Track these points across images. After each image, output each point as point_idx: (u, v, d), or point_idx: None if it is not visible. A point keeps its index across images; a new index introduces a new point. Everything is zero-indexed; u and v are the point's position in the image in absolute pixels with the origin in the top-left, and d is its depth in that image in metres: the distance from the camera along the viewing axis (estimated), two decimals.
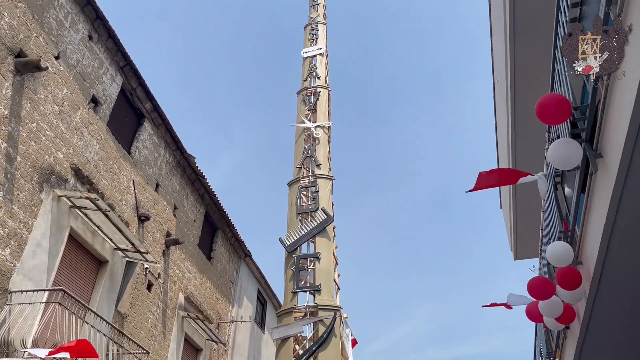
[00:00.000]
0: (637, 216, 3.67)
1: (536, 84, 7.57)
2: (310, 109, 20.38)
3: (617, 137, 3.29)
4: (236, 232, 16.83)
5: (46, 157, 8.89)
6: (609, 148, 3.41)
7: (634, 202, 3.51)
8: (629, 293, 4.55)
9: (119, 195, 10.88)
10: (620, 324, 5.01)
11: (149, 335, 11.55)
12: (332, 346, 14.54)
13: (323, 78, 21.47)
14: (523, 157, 9.25)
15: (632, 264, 4.09)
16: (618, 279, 4.37)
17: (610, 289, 4.48)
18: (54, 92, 9.22)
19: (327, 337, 14.59)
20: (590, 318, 4.99)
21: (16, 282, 7.95)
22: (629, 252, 4.00)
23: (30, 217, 8.39)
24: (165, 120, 12.77)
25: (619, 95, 3.25)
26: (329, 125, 20.10)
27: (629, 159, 3.28)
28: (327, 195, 17.79)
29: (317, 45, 22.78)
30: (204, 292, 14.63)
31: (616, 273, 4.28)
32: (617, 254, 4.00)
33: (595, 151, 3.54)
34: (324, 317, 14.97)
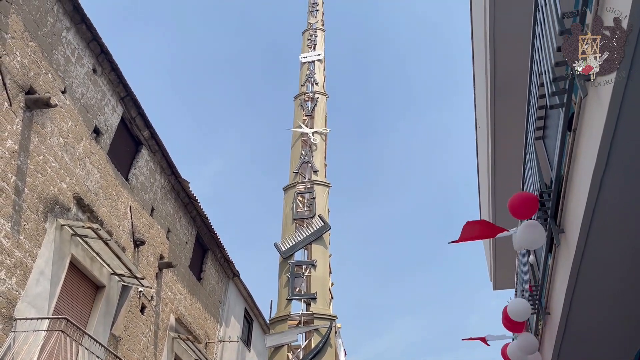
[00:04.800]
0: (594, 279, 4.26)
1: (515, 132, 8.23)
2: (308, 115, 20.40)
3: (575, 217, 3.88)
4: (225, 252, 17.24)
5: (51, 187, 9.30)
6: (570, 225, 4.00)
7: (592, 270, 4.10)
8: (587, 339, 5.15)
9: (117, 221, 11.29)
10: None
11: (141, 357, 11.91)
12: (327, 356, 14.39)
13: (321, 84, 21.53)
14: (502, 196, 9.87)
15: (590, 317, 4.68)
16: (579, 328, 4.98)
17: (572, 335, 5.08)
18: (60, 126, 9.65)
19: (323, 347, 14.45)
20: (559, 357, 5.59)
21: (21, 310, 8.32)
22: (588, 307, 4.59)
23: (35, 247, 8.78)
24: (161, 146, 13.22)
25: (577, 181, 3.85)
26: (327, 132, 20.15)
27: (586, 236, 3.87)
28: (324, 202, 17.76)
29: (316, 51, 22.83)
30: (194, 313, 15.00)
31: (578, 323, 4.88)
32: (577, 309, 4.59)
33: (559, 227, 4.13)
34: (319, 326, 14.78)
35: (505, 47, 7.04)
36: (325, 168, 19.44)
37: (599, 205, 3.41)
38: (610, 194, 3.36)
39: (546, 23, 3.49)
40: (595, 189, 3.39)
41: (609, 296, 4.32)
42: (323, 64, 22.78)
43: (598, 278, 4.06)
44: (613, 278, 4.07)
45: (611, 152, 3.12)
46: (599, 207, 3.43)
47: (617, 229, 3.62)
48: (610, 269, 3.98)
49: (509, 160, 8.91)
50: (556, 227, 4.14)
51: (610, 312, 4.55)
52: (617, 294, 4.24)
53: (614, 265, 3.95)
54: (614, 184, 3.30)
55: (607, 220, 3.53)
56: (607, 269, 3.98)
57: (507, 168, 8.94)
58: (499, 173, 9.84)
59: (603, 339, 4.96)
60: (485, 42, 7.50)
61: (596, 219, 3.51)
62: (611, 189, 3.33)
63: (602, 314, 4.53)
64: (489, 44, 7.24)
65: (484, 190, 11.13)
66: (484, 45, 7.57)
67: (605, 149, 3.09)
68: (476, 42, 8.53)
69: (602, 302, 4.44)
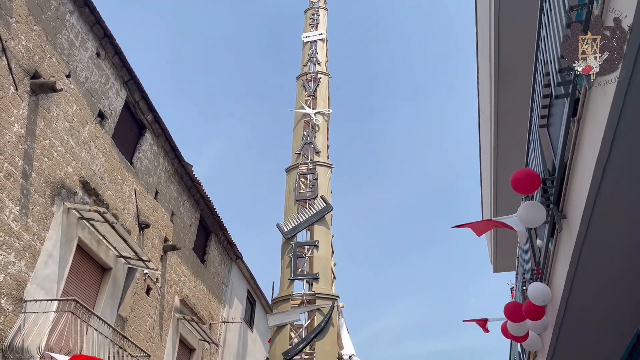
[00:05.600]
0: (595, 264, 4.37)
1: (518, 118, 8.28)
2: (310, 95, 20.10)
3: (578, 203, 3.97)
4: (228, 235, 17.41)
5: (57, 171, 9.39)
6: (572, 211, 4.09)
7: (592, 255, 4.21)
8: (588, 320, 5.28)
9: (122, 204, 11.40)
10: (580, 344, 5.75)
11: (147, 337, 12.13)
12: (329, 335, 14.50)
13: (323, 64, 21.21)
14: (504, 182, 9.96)
15: (589, 300, 4.80)
16: (579, 310, 5.10)
17: (572, 319, 5.21)
18: (65, 110, 9.71)
19: (325, 326, 14.53)
20: (557, 341, 5.73)
21: (30, 292, 8.47)
22: (587, 291, 4.71)
23: (43, 230, 8.90)
24: (165, 130, 13.28)
25: (580, 168, 3.93)
26: (329, 113, 19.92)
27: (588, 221, 3.97)
28: (326, 183, 17.66)
29: (318, 31, 22.41)
30: (198, 295, 15.22)
31: (577, 305, 5.00)
32: (577, 293, 4.71)
33: (561, 213, 4.22)
34: (321, 306, 14.86)
35: (510, 32, 7.05)
36: (328, 149, 19.18)
37: (601, 192, 3.50)
38: (613, 182, 3.44)
39: (553, 13, 3.54)
40: (598, 177, 3.47)
41: (609, 280, 4.43)
42: (325, 44, 22.40)
43: (598, 263, 4.17)
44: (613, 263, 4.18)
45: (614, 141, 3.19)
46: (601, 194, 3.51)
47: (618, 215, 3.71)
48: (611, 254, 4.08)
49: (512, 145, 8.96)
50: (558, 213, 4.23)
51: (610, 296, 4.67)
52: (617, 278, 4.35)
53: (614, 251, 4.05)
54: (616, 172, 3.37)
55: (609, 207, 3.62)
56: (608, 254, 4.08)
57: (509, 154, 9.00)
58: (501, 159, 9.91)
59: (602, 321, 5.09)
60: (489, 27, 7.51)
61: (598, 205, 3.59)
62: (613, 176, 3.41)
63: (602, 297, 4.65)
64: (494, 29, 7.26)
65: (485, 175, 11.21)
66: (488, 31, 7.59)
67: (608, 138, 3.17)
68: (480, 26, 8.54)
69: (601, 285, 4.55)
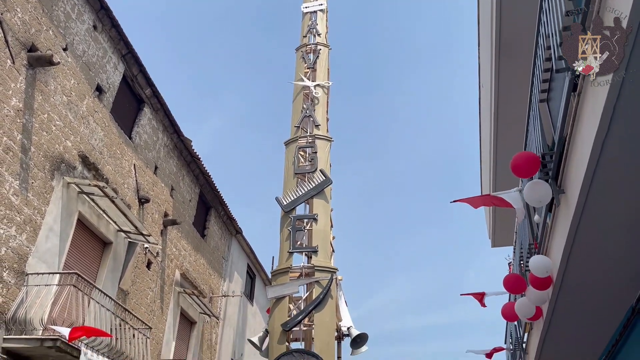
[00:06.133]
0: (591, 239, 4.41)
1: (518, 93, 8.24)
2: (310, 67, 19.78)
3: (576, 178, 3.98)
4: (228, 210, 17.49)
5: (56, 146, 9.38)
6: (570, 186, 4.11)
7: (589, 229, 4.23)
8: (582, 295, 5.35)
9: (122, 179, 11.42)
10: (575, 318, 5.84)
11: (149, 310, 12.28)
12: (328, 307, 14.61)
13: (323, 35, 20.86)
14: (504, 156, 9.96)
15: (586, 275, 4.86)
16: (575, 284, 5.17)
17: (568, 292, 5.28)
18: (62, 84, 9.64)
19: (324, 298, 14.61)
20: (553, 314, 5.81)
21: (32, 265, 8.55)
22: (584, 266, 4.76)
23: (43, 204, 8.94)
24: (163, 105, 13.21)
25: (579, 143, 3.93)
26: (329, 85, 19.64)
27: (586, 196, 3.99)
28: (326, 156, 17.50)
29: (318, 1, 21.97)
30: (198, 269, 15.36)
31: (573, 282, 5.06)
32: (573, 267, 4.75)
33: (559, 188, 4.24)
34: (320, 278, 14.92)
35: (512, 6, 6.96)
36: (327, 122, 19.02)
37: (599, 167, 3.50)
38: (611, 157, 3.44)
39: None
40: (596, 152, 3.47)
41: (605, 254, 4.47)
42: (325, 15, 21.99)
43: (595, 237, 4.20)
44: (610, 237, 4.21)
45: (614, 116, 3.18)
46: (600, 169, 3.52)
47: (616, 190, 3.72)
48: (608, 228, 4.11)
49: (512, 120, 8.93)
50: (557, 187, 4.25)
51: (606, 270, 4.72)
52: (613, 252, 4.39)
53: (611, 225, 4.08)
54: (615, 147, 3.38)
55: (607, 182, 3.63)
56: (605, 229, 4.11)
57: (509, 128, 8.98)
58: (501, 133, 9.89)
59: (598, 294, 5.15)
60: (491, 0, 7.42)
61: (596, 180, 3.61)
62: (612, 151, 3.41)
63: (598, 271, 4.70)
64: (495, 2, 7.17)
65: (485, 150, 11.21)
66: (490, 4, 7.49)
67: (608, 113, 3.16)
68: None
69: (598, 260, 4.59)
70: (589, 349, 6.39)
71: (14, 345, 7.87)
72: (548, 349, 6.57)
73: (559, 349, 6.57)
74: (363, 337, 15.71)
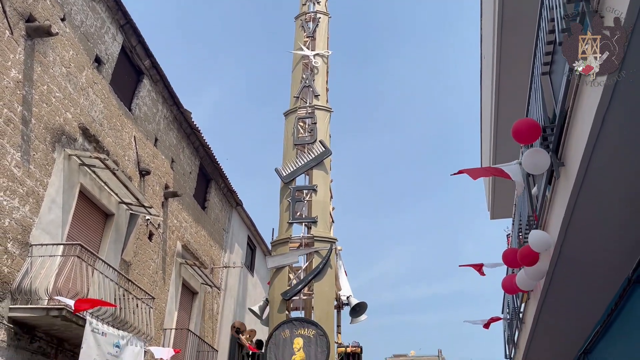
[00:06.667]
0: (590, 212, 4.47)
1: (520, 65, 8.20)
2: (309, 36, 19.48)
3: (576, 151, 4.02)
4: (228, 182, 17.55)
5: (57, 117, 9.36)
6: (570, 159, 4.14)
7: (587, 202, 4.29)
8: (580, 266, 5.45)
9: (122, 151, 11.43)
10: (572, 289, 5.95)
11: (151, 281, 12.45)
12: (327, 277, 14.74)
13: (323, 3, 20.52)
14: (504, 128, 9.97)
15: (583, 247, 4.94)
16: (573, 254, 5.26)
17: (566, 263, 5.37)
18: (61, 55, 9.56)
19: (323, 268, 14.71)
20: (550, 285, 5.92)
21: (35, 236, 8.64)
22: (581, 237, 4.83)
23: (45, 176, 8.97)
24: (163, 76, 13.13)
25: (580, 116, 3.95)
26: (328, 54, 19.39)
27: (585, 169, 4.03)
28: (325, 127, 17.40)
29: None
30: (199, 240, 15.50)
31: (571, 253, 5.14)
32: (571, 239, 4.83)
33: (559, 160, 4.27)
34: (320, 248, 15.01)
35: None
36: (327, 92, 18.82)
37: (600, 141, 3.53)
38: (612, 130, 3.47)
39: None
40: (597, 125, 3.49)
41: (603, 227, 4.53)
42: None
43: (594, 210, 4.26)
44: (608, 210, 4.27)
45: (616, 89, 3.20)
46: (600, 143, 3.55)
47: (615, 163, 3.76)
48: (606, 201, 4.16)
49: (513, 92, 8.91)
50: (557, 160, 4.28)
51: (603, 242, 4.79)
52: (611, 225, 4.46)
53: (610, 198, 4.13)
54: (615, 121, 3.40)
55: (607, 155, 3.67)
56: (603, 202, 4.16)
57: (510, 100, 8.96)
58: (502, 105, 9.87)
59: (594, 266, 5.24)
60: None
61: (596, 154, 3.64)
62: (613, 125, 3.44)
63: (595, 243, 4.77)
64: None
65: (486, 122, 11.20)
66: None
67: (610, 86, 3.17)
68: None
69: (596, 231, 4.66)
70: (585, 318, 6.53)
71: (20, 314, 8.02)
72: (544, 318, 6.71)
73: (555, 318, 6.71)
74: (362, 306, 15.95)
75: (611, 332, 6.26)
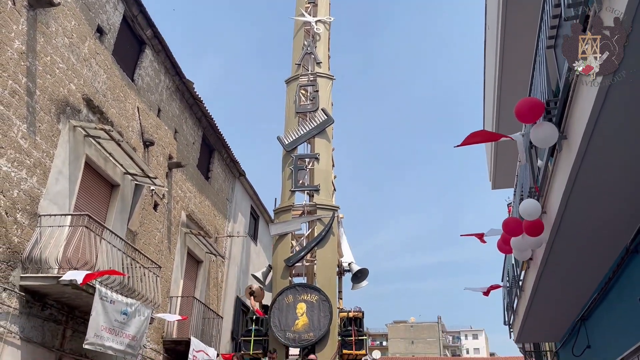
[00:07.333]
0: (590, 183, 4.56)
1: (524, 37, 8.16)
2: (310, 2, 19.16)
3: (579, 124, 4.09)
4: (231, 152, 17.61)
5: (61, 89, 9.38)
6: (572, 132, 4.21)
7: (588, 174, 4.38)
8: (579, 236, 5.57)
9: (126, 122, 11.47)
10: (571, 258, 6.10)
11: (157, 250, 12.66)
12: (329, 244, 14.95)
13: None
14: (507, 99, 9.98)
15: (582, 216, 5.05)
16: (572, 225, 5.38)
17: (565, 234, 5.50)
18: (63, 25, 9.52)
19: (326, 235, 14.93)
20: (550, 254, 6.05)
21: (44, 207, 8.78)
22: (581, 208, 4.94)
23: (51, 147, 9.05)
24: (165, 46, 13.05)
25: (584, 90, 4.00)
26: (330, 21, 19.08)
27: (587, 143, 4.11)
28: (327, 95, 17.28)
29: None
30: (203, 210, 15.67)
31: (570, 223, 5.26)
32: (571, 210, 4.94)
33: (562, 133, 4.34)
34: (322, 216, 15.19)
35: None
36: (329, 60, 18.62)
37: (602, 115, 3.59)
38: (614, 104, 3.53)
39: None
40: (600, 98, 3.55)
41: (603, 197, 4.64)
42: None
43: (594, 182, 4.35)
44: (608, 182, 4.36)
45: (620, 63, 3.24)
46: (602, 117, 3.61)
47: (617, 137, 3.83)
48: (607, 174, 4.25)
49: (517, 63, 8.87)
50: (560, 133, 4.35)
51: (603, 211, 4.90)
52: (611, 196, 4.56)
53: (610, 171, 4.22)
54: (618, 94, 3.46)
55: (609, 129, 3.74)
56: (604, 174, 4.25)
57: (514, 72, 8.93)
58: (506, 76, 9.84)
59: (594, 235, 5.36)
60: None
61: (598, 127, 3.71)
62: (615, 98, 3.50)
63: (595, 213, 4.88)
64: None
65: (489, 93, 11.19)
66: None
67: None
68: None
69: (596, 202, 4.76)
70: (583, 286, 6.71)
71: (31, 283, 8.22)
72: (543, 286, 6.88)
73: (554, 286, 6.88)
74: (364, 272, 16.22)
75: (608, 300, 6.44)
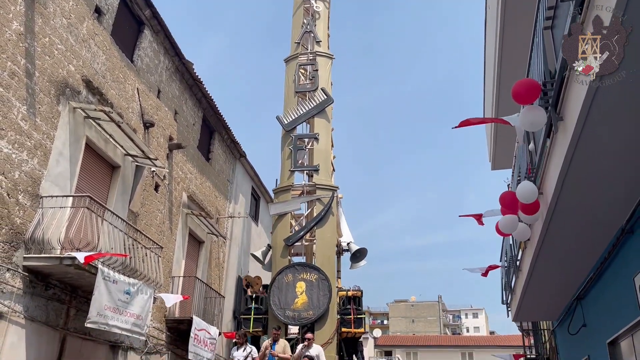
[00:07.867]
0: (586, 165, 4.59)
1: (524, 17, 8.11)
2: None
3: (575, 106, 4.10)
4: (231, 133, 17.61)
5: (60, 70, 9.37)
6: (568, 114, 4.23)
7: (584, 155, 4.41)
8: (575, 216, 5.63)
9: (126, 103, 11.47)
10: (568, 238, 6.16)
11: (159, 231, 12.76)
12: (329, 223, 15.11)
13: None
14: (507, 80, 9.95)
15: (578, 197, 5.10)
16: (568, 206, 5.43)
17: (561, 214, 5.55)
18: (61, 5, 9.46)
19: (325, 215, 15.08)
20: (546, 234, 6.12)
21: (45, 188, 8.84)
22: (577, 189, 4.98)
23: (52, 129, 9.08)
24: (164, 26, 12.97)
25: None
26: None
27: (582, 124, 4.13)
28: (327, 74, 17.18)
29: None
30: (204, 191, 15.74)
31: (567, 204, 5.31)
32: (567, 191, 4.98)
33: (558, 115, 4.36)
34: (321, 196, 15.30)
35: None
36: (328, 39, 18.40)
37: (597, 96, 3.61)
38: (610, 86, 3.54)
39: None
40: (596, 80, 3.57)
41: (598, 178, 4.68)
42: None
43: (590, 163, 4.38)
44: (604, 163, 4.40)
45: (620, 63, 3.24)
46: (597, 98, 3.63)
47: (612, 118, 3.85)
48: (602, 155, 4.28)
49: (517, 43, 8.83)
50: (556, 115, 4.37)
51: (598, 193, 4.95)
52: (606, 177, 4.60)
53: (606, 152, 4.25)
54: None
55: (604, 111, 3.76)
56: (599, 155, 4.29)
57: (514, 51, 8.90)
58: (506, 56, 9.79)
59: (589, 216, 5.42)
60: None
61: (593, 109, 3.73)
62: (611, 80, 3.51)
63: (591, 195, 4.93)
64: None
65: (489, 73, 11.14)
66: None
67: None
68: None
69: (591, 183, 4.80)
70: (579, 267, 6.79)
71: (34, 263, 8.32)
72: (540, 266, 6.96)
73: (550, 266, 6.97)
74: (362, 252, 16.36)
75: (603, 280, 6.53)
